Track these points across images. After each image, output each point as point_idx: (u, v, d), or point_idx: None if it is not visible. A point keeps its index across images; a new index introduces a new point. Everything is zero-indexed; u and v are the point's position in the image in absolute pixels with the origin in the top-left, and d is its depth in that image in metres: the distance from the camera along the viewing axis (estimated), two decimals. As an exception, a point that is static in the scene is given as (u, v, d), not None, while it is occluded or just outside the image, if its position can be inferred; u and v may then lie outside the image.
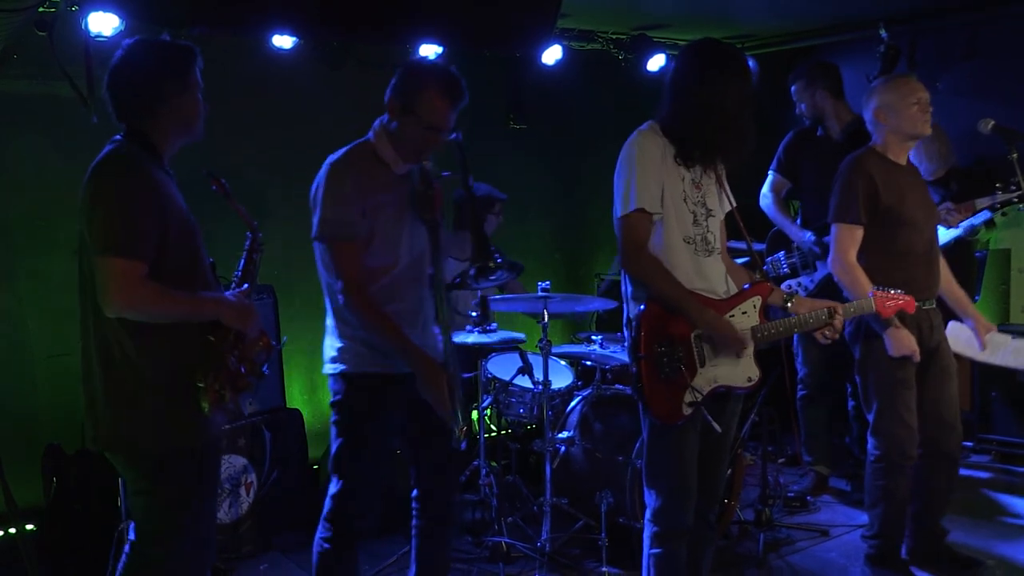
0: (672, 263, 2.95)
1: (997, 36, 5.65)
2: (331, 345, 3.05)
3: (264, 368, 2.85)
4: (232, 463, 4.27)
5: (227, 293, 2.75)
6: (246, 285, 2.82)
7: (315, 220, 2.92)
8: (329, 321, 3.07)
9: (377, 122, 3.01)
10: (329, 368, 3.06)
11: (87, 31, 4.07)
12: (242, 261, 2.86)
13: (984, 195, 4.37)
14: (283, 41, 4.78)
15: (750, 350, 3.04)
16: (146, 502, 2.68)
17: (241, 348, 2.70)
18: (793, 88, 4.91)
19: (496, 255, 2.96)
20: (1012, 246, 5.64)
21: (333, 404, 3.06)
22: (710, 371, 2.99)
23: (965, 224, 4.59)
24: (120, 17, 4.11)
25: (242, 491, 4.31)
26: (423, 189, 3.01)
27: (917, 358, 3.68)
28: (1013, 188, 4.25)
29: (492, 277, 3.01)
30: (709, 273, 3.04)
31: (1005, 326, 5.65)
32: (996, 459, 5.42)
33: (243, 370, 2.69)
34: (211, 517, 2.78)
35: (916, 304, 3.61)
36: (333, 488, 3.04)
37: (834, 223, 3.77)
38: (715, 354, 2.99)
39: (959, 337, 4.00)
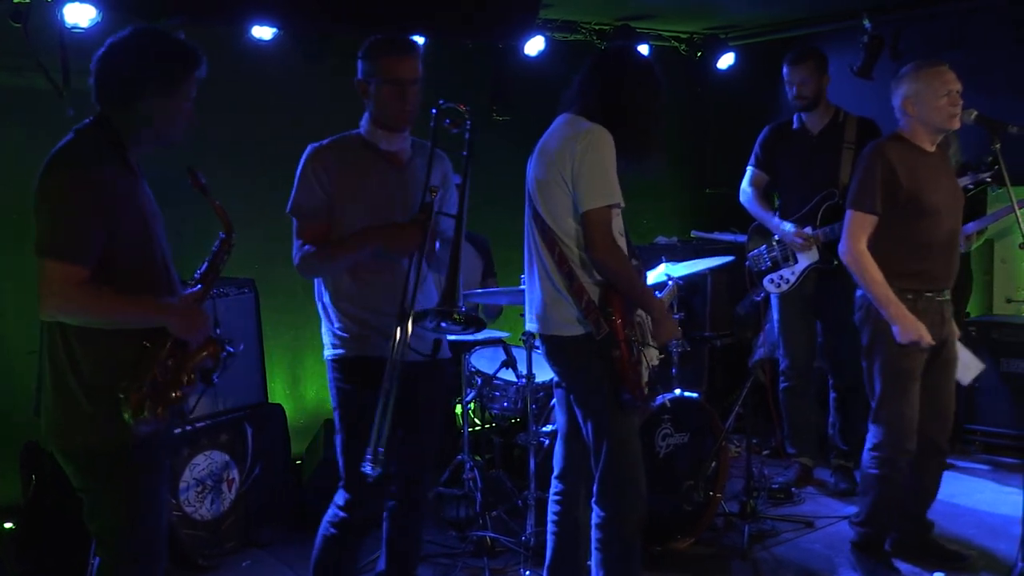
0: None
1: (981, 27, 5.65)
2: (327, 330, 3.18)
3: (214, 376, 2.70)
4: (214, 459, 4.24)
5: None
6: (199, 287, 2.65)
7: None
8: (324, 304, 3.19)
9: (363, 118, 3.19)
10: (328, 353, 3.18)
11: (63, 22, 4.02)
12: (206, 262, 2.69)
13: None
14: (263, 32, 4.74)
15: None
16: (87, 501, 2.57)
17: (180, 356, 2.53)
18: (795, 68, 4.70)
19: (460, 307, 2.92)
20: (994, 237, 5.66)
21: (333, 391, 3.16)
22: None
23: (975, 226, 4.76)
24: (96, 7, 4.05)
25: (224, 487, 4.28)
26: (423, 219, 3.03)
27: (926, 343, 3.60)
28: (984, 169, 4.42)
29: (443, 325, 2.93)
30: None
31: (988, 317, 5.68)
32: (979, 449, 5.44)
33: (180, 380, 2.52)
34: (157, 517, 2.61)
35: (928, 295, 3.65)
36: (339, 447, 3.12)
37: (848, 209, 3.74)
38: None
39: None
